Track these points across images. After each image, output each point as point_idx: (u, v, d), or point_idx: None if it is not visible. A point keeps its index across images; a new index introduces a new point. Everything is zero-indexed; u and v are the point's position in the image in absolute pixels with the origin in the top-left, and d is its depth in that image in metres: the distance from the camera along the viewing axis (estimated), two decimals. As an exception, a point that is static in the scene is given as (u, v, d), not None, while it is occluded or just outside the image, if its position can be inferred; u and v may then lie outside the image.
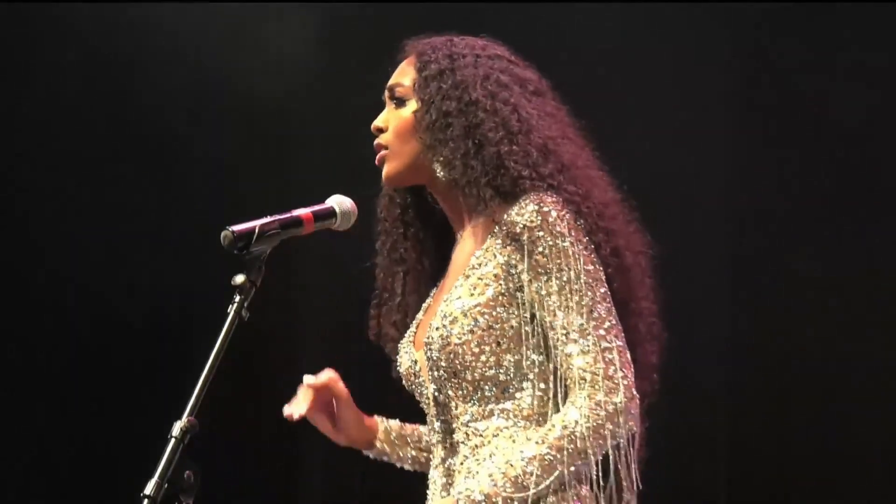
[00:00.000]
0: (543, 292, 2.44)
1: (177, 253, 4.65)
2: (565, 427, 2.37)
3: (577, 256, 2.43)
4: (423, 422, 2.72)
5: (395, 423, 2.84)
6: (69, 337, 4.71)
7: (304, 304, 4.75)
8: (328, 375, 2.73)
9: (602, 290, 2.44)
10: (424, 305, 2.71)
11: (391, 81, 2.67)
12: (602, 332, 2.41)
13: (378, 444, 2.81)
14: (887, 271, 4.23)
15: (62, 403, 4.70)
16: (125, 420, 4.59)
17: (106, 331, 4.69)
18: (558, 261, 2.43)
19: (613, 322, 2.43)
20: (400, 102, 2.64)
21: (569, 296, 2.42)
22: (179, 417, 2.15)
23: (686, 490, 4.30)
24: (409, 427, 2.85)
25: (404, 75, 2.65)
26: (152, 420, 2.52)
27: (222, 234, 2.29)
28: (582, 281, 2.42)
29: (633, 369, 2.42)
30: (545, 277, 2.44)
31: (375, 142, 2.65)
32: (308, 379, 2.71)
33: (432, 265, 2.74)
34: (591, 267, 2.44)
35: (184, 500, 2.14)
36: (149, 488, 2.10)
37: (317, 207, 2.48)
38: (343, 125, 4.39)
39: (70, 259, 4.70)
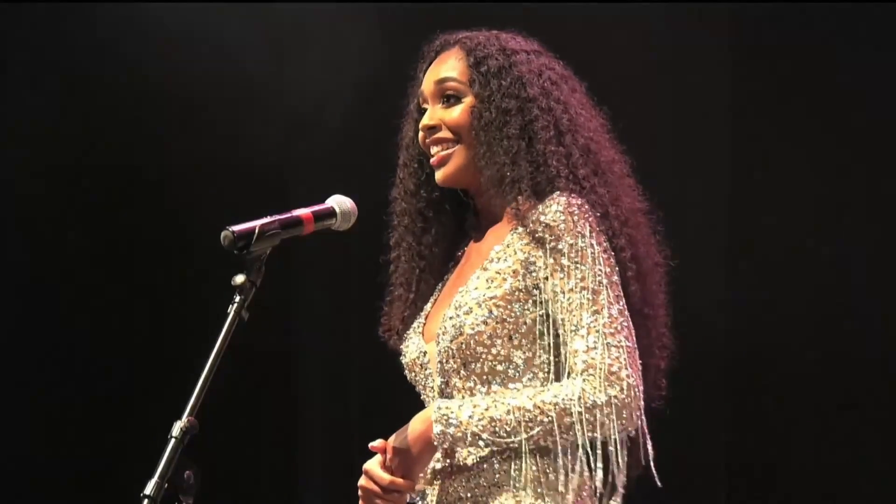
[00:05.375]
0: (559, 289, 2.44)
1: (176, 252, 4.66)
2: (556, 395, 2.39)
3: (594, 256, 2.45)
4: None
5: None
6: (68, 336, 4.71)
7: (304, 303, 4.75)
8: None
9: (616, 291, 2.45)
10: (433, 298, 2.70)
11: (440, 75, 2.62)
12: (611, 330, 2.41)
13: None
14: (888, 271, 4.23)
15: (62, 404, 4.70)
16: (125, 420, 4.58)
17: (105, 330, 4.69)
18: (576, 259, 2.44)
19: (625, 323, 2.44)
20: (454, 99, 2.60)
21: (582, 294, 2.43)
22: (179, 417, 2.15)
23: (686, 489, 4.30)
24: None
25: (453, 69, 2.61)
26: (152, 420, 2.52)
27: (222, 234, 2.29)
28: (597, 280, 2.43)
29: (640, 371, 2.42)
30: (562, 275, 2.44)
31: (436, 136, 2.60)
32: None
33: (443, 260, 2.74)
34: (607, 268, 2.45)
35: (184, 500, 2.14)
36: (149, 488, 2.11)
37: (317, 207, 2.48)
38: (345, 125, 4.40)
39: (67, 258, 4.71)
